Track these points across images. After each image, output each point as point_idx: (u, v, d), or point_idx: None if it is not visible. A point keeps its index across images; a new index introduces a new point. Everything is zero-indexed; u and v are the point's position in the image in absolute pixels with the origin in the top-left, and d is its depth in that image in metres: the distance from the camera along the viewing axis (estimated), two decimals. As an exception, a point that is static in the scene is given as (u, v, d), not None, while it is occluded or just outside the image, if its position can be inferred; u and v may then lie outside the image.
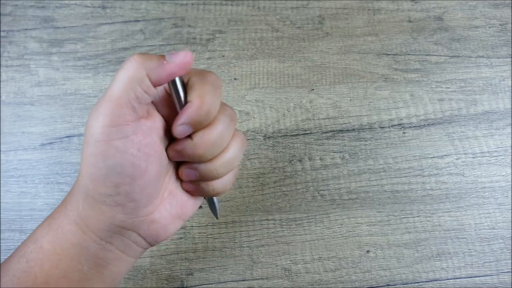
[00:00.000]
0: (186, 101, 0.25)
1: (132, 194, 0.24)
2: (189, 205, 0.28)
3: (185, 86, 0.25)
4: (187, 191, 0.28)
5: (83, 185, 0.24)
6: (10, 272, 0.24)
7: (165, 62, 0.23)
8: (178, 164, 0.28)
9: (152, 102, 0.25)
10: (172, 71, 0.23)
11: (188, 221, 0.44)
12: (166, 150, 0.26)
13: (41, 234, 0.25)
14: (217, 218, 0.32)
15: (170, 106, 0.26)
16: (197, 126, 0.25)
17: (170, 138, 0.27)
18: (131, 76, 0.23)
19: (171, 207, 0.27)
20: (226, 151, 0.26)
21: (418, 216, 0.45)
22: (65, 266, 0.24)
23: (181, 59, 0.23)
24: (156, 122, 0.25)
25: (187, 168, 0.26)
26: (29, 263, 0.24)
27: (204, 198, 0.30)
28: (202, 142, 0.25)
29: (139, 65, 0.23)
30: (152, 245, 0.27)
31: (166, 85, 0.25)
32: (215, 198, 0.30)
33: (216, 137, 0.25)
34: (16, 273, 0.24)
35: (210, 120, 0.25)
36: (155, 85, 0.24)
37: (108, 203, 0.24)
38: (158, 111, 0.26)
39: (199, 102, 0.24)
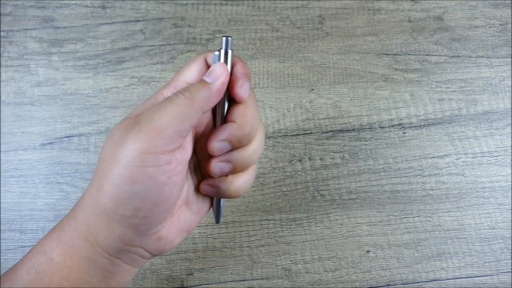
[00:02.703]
0: (227, 111, 0.26)
1: (149, 218, 0.24)
2: (196, 218, 0.29)
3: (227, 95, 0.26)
4: (207, 193, 0.28)
5: (101, 203, 0.24)
6: (18, 283, 0.24)
7: (210, 87, 0.24)
8: (193, 176, 0.29)
9: None
10: (219, 90, 0.25)
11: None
12: (208, 143, 0.26)
13: (51, 246, 0.25)
14: (217, 222, 0.31)
15: (201, 119, 0.27)
16: (235, 146, 0.26)
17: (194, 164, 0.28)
18: (182, 112, 0.23)
19: (178, 222, 0.27)
20: (256, 136, 0.27)
21: (418, 216, 0.45)
22: (74, 278, 0.24)
23: (222, 75, 0.25)
24: (187, 151, 0.26)
25: (220, 161, 0.26)
26: (39, 275, 0.24)
27: (212, 203, 0.30)
28: (246, 120, 0.26)
29: (191, 102, 0.24)
30: (156, 256, 0.27)
31: None
32: (222, 204, 0.30)
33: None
34: (25, 284, 0.24)
35: (250, 141, 0.26)
36: (207, 111, 0.25)
37: (123, 223, 0.24)
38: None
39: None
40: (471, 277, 0.44)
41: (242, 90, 0.25)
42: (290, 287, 0.43)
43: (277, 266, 0.43)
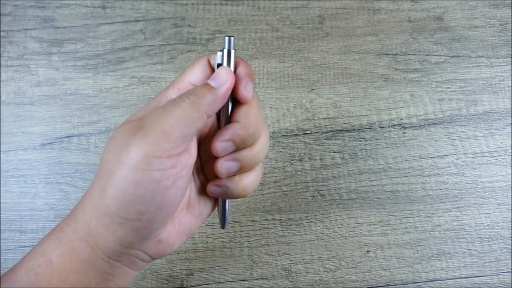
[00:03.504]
0: (231, 112, 0.26)
1: (152, 222, 0.24)
2: (197, 221, 0.29)
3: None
4: (214, 195, 0.28)
5: (104, 205, 0.23)
6: (17, 284, 0.24)
7: (216, 91, 0.24)
8: (197, 179, 0.29)
9: None
10: (225, 95, 0.25)
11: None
12: (212, 144, 0.26)
13: (50, 247, 0.25)
14: (223, 228, 0.31)
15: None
16: (240, 146, 0.26)
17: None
18: (187, 116, 0.23)
19: (179, 226, 0.27)
20: (261, 134, 0.27)
21: (418, 216, 0.45)
22: (73, 280, 0.24)
23: (228, 80, 0.25)
24: (192, 155, 0.25)
25: (227, 160, 0.26)
26: (37, 277, 0.24)
27: (215, 207, 0.30)
28: (250, 120, 0.25)
29: (197, 106, 0.24)
30: (156, 259, 0.27)
31: None
32: (227, 207, 0.30)
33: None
34: (24, 286, 0.24)
35: (254, 141, 0.26)
36: (211, 115, 0.25)
37: (125, 226, 0.24)
38: None
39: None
40: (471, 277, 0.44)
41: (246, 90, 0.25)
42: (290, 287, 0.43)
43: (277, 266, 0.43)
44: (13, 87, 0.47)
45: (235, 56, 0.26)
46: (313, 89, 0.49)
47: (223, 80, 0.25)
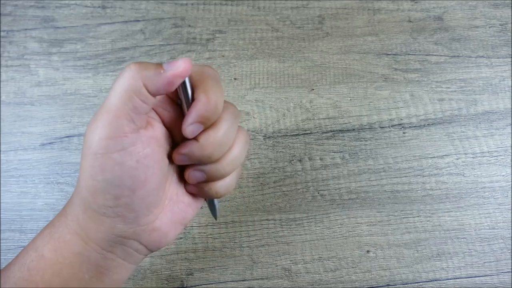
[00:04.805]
0: (192, 100, 0.24)
1: (132, 205, 0.24)
2: (190, 210, 0.28)
3: (191, 86, 0.24)
4: (191, 194, 0.28)
5: (82, 197, 0.24)
6: (11, 280, 0.24)
7: (162, 71, 0.23)
8: (180, 170, 0.28)
9: (153, 108, 0.25)
10: (170, 81, 0.23)
11: (188, 221, 0.44)
12: (172, 154, 0.26)
13: (42, 242, 0.25)
14: (215, 219, 0.32)
15: (171, 109, 0.26)
16: (207, 123, 0.24)
17: (171, 143, 0.27)
18: (128, 87, 0.22)
19: (172, 214, 0.27)
20: (232, 149, 0.26)
21: (418, 216, 0.45)
22: (66, 275, 0.24)
23: (178, 68, 0.23)
24: (156, 131, 0.25)
25: (194, 170, 0.26)
26: (30, 272, 0.24)
27: (205, 199, 0.30)
28: (209, 142, 0.24)
29: (136, 75, 0.22)
30: (153, 251, 0.27)
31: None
32: (215, 199, 0.30)
33: (222, 136, 0.25)
34: (18, 281, 0.24)
35: (218, 115, 0.24)
36: (154, 95, 0.23)
37: (108, 214, 0.24)
38: (159, 114, 0.25)
39: (205, 98, 0.23)
40: (471, 277, 0.44)
41: (187, 130, 0.24)
42: (290, 287, 0.43)
43: (277, 266, 0.43)
44: (13, 87, 0.47)
45: (191, 87, 0.24)
46: (313, 89, 0.49)
47: (175, 66, 0.23)
